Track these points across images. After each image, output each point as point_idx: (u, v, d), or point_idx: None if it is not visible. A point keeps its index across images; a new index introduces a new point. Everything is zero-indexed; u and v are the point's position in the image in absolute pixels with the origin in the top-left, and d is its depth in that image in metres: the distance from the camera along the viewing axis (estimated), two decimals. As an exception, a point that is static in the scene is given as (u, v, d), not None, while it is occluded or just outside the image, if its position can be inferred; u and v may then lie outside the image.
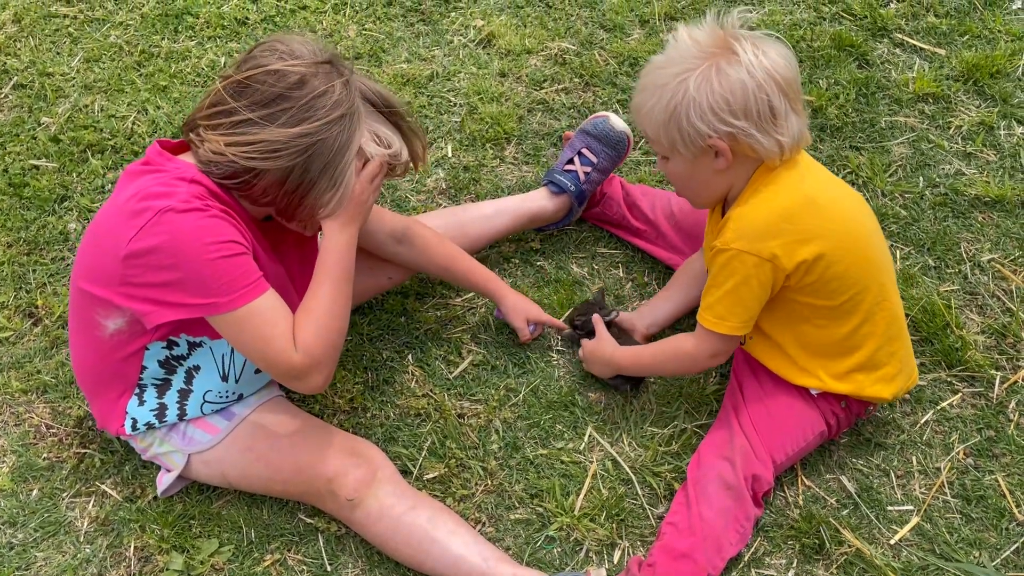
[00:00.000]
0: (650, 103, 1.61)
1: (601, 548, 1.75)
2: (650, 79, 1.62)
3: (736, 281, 1.63)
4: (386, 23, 2.69)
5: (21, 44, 2.65)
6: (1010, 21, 2.64)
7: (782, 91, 1.56)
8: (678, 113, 1.57)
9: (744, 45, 1.56)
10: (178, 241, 1.45)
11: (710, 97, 1.55)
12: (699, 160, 1.63)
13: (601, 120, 2.13)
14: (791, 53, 1.61)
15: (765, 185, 1.64)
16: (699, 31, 1.60)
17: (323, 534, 1.76)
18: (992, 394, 1.93)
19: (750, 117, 1.56)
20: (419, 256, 1.93)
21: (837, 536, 1.74)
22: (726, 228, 1.64)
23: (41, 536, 1.77)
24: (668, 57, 1.61)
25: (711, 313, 1.68)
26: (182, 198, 1.47)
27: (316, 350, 1.54)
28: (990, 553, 1.72)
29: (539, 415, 1.92)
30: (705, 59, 1.56)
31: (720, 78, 1.54)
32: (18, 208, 2.26)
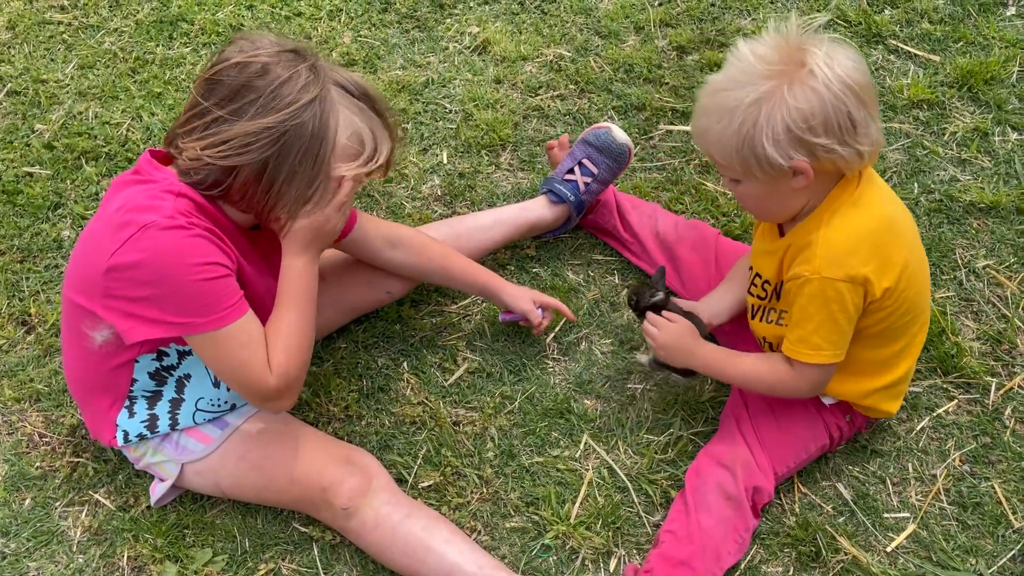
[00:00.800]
0: (718, 128, 1.50)
1: (597, 556, 1.75)
2: (714, 102, 1.51)
3: (831, 309, 1.55)
4: (381, 30, 2.69)
5: (15, 51, 2.64)
6: (1004, 28, 2.65)
7: (859, 99, 1.47)
8: (753, 138, 1.47)
9: (814, 56, 1.45)
10: (160, 258, 1.44)
11: (787, 117, 1.44)
12: (777, 182, 1.52)
13: (604, 131, 2.12)
14: (859, 55, 1.52)
15: (846, 205, 1.55)
16: (762, 46, 1.49)
17: (318, 543, 1.75)
18: (988, 401, 1.92)
19: (831, 132, 1.46)
20: (414, 258, 1.91)
21: (833, 543, 1.74)
22: (812, 255, 1.54)
23: (34, 546, 1.76)
24: (731, 78, 1.50)
25: (806, 346, 1.59)
26: (167, 213, 1.46)
27: (290, 372, 1.55)
28: (987, 560, 1.72)
29: (535, 423, 1.92)
30: (774, 77, 1.45)
31: (795, 96, 1.44)
32: (11, 215, 2.25)
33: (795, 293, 1.59)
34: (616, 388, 1.97)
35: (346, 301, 1.96)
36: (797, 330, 1.60)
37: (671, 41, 2.63)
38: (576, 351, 2.03)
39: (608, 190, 2.19)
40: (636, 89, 2.51)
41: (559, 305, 1.96)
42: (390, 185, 2.32)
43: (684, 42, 2.62)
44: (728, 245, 2.06)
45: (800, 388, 1.68)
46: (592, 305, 2.10)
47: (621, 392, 1.97)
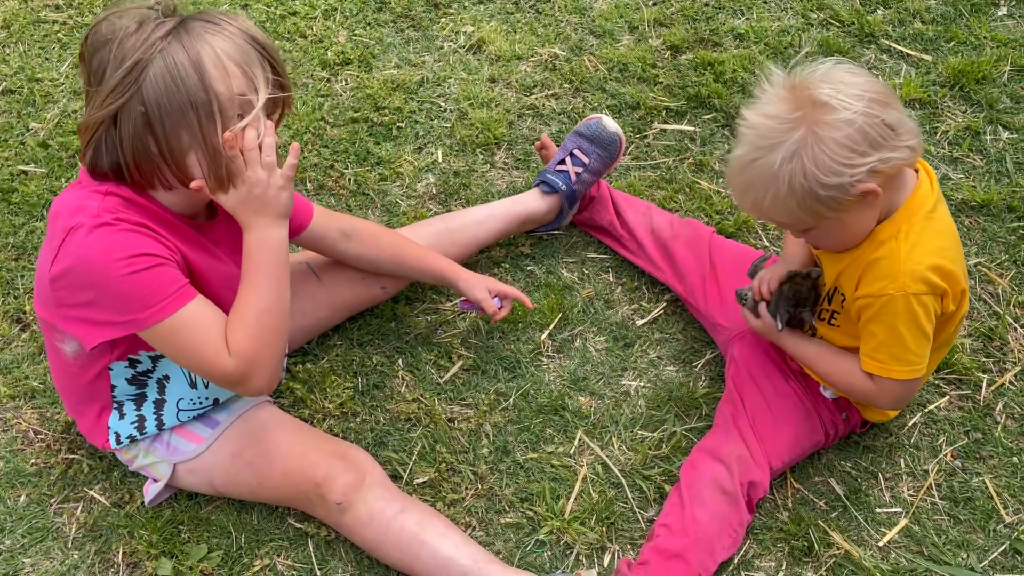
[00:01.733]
0: (769, 196, 1.48)
1: (591, 551, 1.75)
2: (751, 176, 1.49)
3: (921, 323, 1.54)
4: (376, 29, 2.70)
5: (10, 50, 2.64)
6: (996, 27, 2.67)
7: (882, 103, 1.45)
8: (810, 187, 1.44)
9: (821, 89, 1.44)
10: (86, 260, 1.40)
11: (829, 153, 1.43)
12: (851, 211, 1.50)
13: (594, 121, 2.14)
14: (856, 65, 1.52)
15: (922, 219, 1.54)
16: (768, 106, 1.48)
17: (313, 539, 1.76)
18: (979, 397, 1.94)
19: (877, 144, 1.44)
20: (368, 248, 1.88)
21: (826, 538, 1.75)
22: (896, 271, 1.52)
23: (29, 542, 1.76)
24: (755, 146, 1.48)
25: (900, 363, 1.58)
26: (92, 213, 1.41)
27: (249, 352, 1.47)
28: (978, 555, 1.73)
29: (529, 419, 1.92)
30: (797, 125, 1.44)
31: (826, 131, 1.42)
32: (6, 213, 2.25)
33: (878, 311, 1.56)
34: (610, 385, 1.98)
35: (340, 299, 1.97)
36: (888, 349, 1.58)
37: (665, 41, 2.64)
38: (570, 348, 2.04)
39: (604, 187, 2.20)
40: (630, 88, 2.52)
41: (517, 294, 1.95)
42: (385, 183, 2.33)
43: (678, 42, 2.63)
44: (722, 243, 2.07)
45: (880, 403, 1.67)
46: (586, 302, 2.11)
47: (615, 389, 1.98)
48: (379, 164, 2.37)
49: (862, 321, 1.60)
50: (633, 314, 2.10)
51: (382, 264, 1.93)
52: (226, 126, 1.43)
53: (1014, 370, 1.97)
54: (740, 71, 2.55)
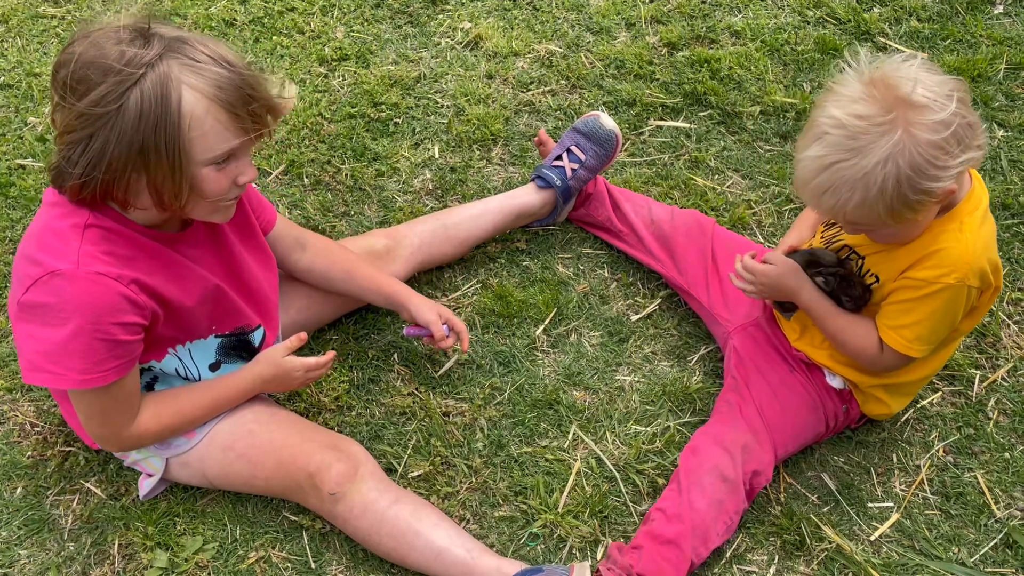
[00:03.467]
0: (856, 199, 1.45)
1: (584, 545, 1.76)
2: (837, 178, 1.45)
3: (956, 311, 1.58)
4: (374, 25, 2.71)
5: (8, 44, 2.65)
6: (991, 25, 2.68)
7: (967, 102, 1.45)
8: (902, 191, 1.43)
9: (910, 88, 1.41)
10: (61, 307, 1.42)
11: (926, 156, 1.41)
12: (928, 211, 1.51)
13: (592, 119, 2.15)
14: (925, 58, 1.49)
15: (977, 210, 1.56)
16: (857, 105, 1.44)
17: (307, 531, 1.77)
18: (971, 393, 1.95)
19: (965, 145, 1.44)
20: (319, 261, 1.87)
21: (818, 532, 1.76)
22: (958, 261, 1.53)
23: (25, 534, 1.77)
24: (843, 147, 1.44)
25: (922, 342, 1.61)
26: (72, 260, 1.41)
27: (146, 439, 1.63)
28: (969, 549, 1.74)
29: (524, 413, 1.93)
30: (891, 128, 1.41)
31: (920, 132, 1.40)
32: (4, 207, 2.26)
33: (927, 294, 1.57)
34: (605, 380, 1.99)
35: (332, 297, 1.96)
36: (917, 328, 1.60)
37: (662, 38, 2.65)
38: (565, 343, 2.05)
39: (600, 183, 2.21)
40: (627, 85, 2.53)
41: (462, 329, 1.89)
42: (381, 179, 2.34)
43: (674, 38, 2.64)
44: (724, 235, 2.07)
45: (876, 366, 1.69)
46: (582, 298, 2.12)
47: (610, 384, 1.98)
48: (376, 160, 2.38)
49: (898, 298, 1.61)
50: (628, 309, 2.10)
51: (332, 279, 1.89)
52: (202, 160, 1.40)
53: (1006, 367, 1.98)
54: (736, 68, 2.56)
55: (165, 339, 1.61)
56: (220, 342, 1.71)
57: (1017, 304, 2.09)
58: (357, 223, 2.24)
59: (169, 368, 1.66)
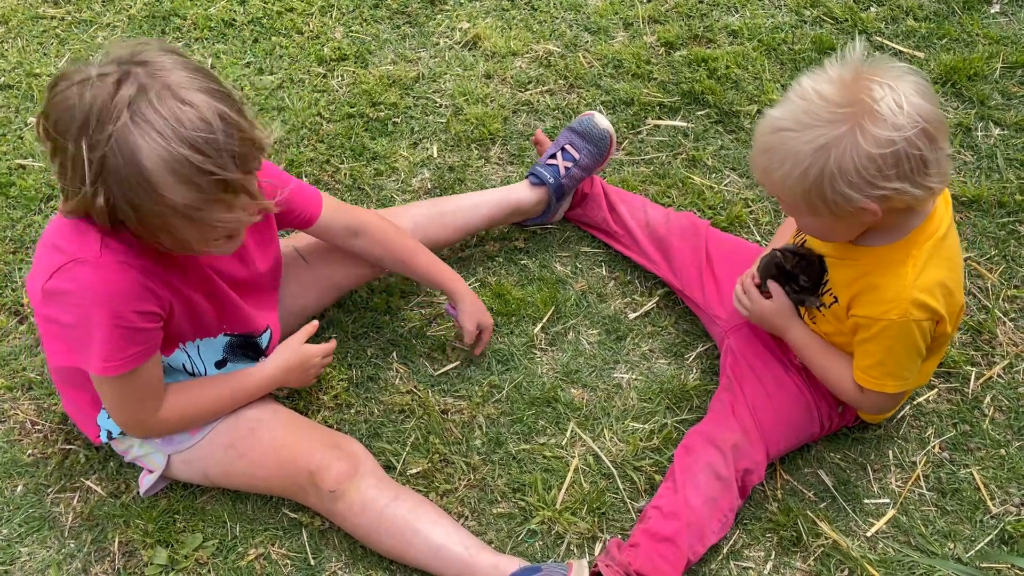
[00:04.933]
0: (782, 171, 1.45)
1: (582, 541, 1.77)
2: (777, 142, 1.45)
3: (918, 346, 1.57)
4: (372, 25, 2.72)
5: (8, 45, 2.66)
6: (988, 24, 2.68)
7: (931, 137, 1.40)
8: (822, 184, 1.42)
9: (882, 95, 1.38)
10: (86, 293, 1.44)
11: (857, 163, 1.39)
12: (844, 218, 1.49)
13: (587, 118, 2.16)
14: (926, 81, 1.44)
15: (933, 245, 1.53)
16: (827, 85, 1.42)
17: (307, 528, 1.78)
18: (967, 389, 1.96)
19: (903, 176, 1.41)
20: (376, 248, 1.88)
21: (814, 528, 1.76)
22: (900, 297, 1.52)
23: (26, 531, 1.78)
24: (794, 117, 1.43)
25: (893, 379, 1.61)
26: (95, 251, 1.43)
27: (169, 427, 1.67)
28: (964, 545, 1.75)
29: (522, 411, 1.94)
30: (842, 120, 1.40)
31: (865, 141, 1.38)
32: (4, 207, 2.27)
33: (877, 332, 1.57)
34: (602, 377, 2.00)
35: (328, 280, 1.96)
36: (883, 367, 1.61)
37: (659, 37, 2.66)
38: (563, 341, 2.06)
39: (597, 183, 2.22)
40: (625, 84, 2.54)
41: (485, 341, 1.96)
42: (380, 178, 2.35)
43: (672, 38, 2.65)
44: (719, 236, 2.08)
45: (863, 407, 1.74)
46: (580, 296, 2.13)
47: (607, 381, 1.99)
48: (375, 159, 2.39)
49: (858, 338, 1.62)
50: (625, 307, 2.11)
51: (387, 265, 1.94)
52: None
53: (1002, 363, 1.99)
54: (734, 68, 2.57)
55: (176, 335, 1.62)
56: (228, 341, 1.72)
57: (1013, 301, 2.10)
58: (356, 222, 2.25)
59: (176, 363, 1.68)
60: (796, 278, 1.71)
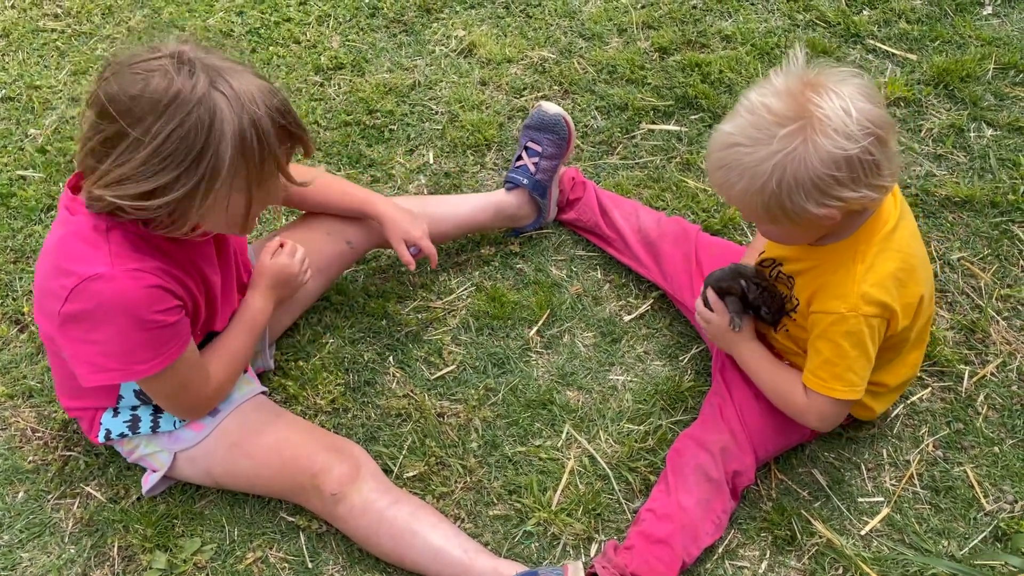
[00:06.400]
0: (739, 185, 1.46)
1: (578, 542, 1.78)
2: (731, 158, 1.46)
3: (866, 345, 1.56)
4: (369, 34, 2.74)
5: (9, 58, 2.69)
6: (980, 26, 2.70)
7: (880, 139, 1.42)
8: (779, 196, 1.44)
9: (829, 103, 1.39)
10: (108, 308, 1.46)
11: (812, 174, 1.40)
12: (805, 225, 1.51)
13: (536, 111, 2.19)
14: (871, 84, 1.45)
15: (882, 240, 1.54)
16: (774, 98, 1.43)
17: (304, 532, 1.79)
18: (961, 388, 1.96)
19: (858, 181, 1.42)
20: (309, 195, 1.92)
21: (809, 527, 1.77)
22: (848, 291, 1.53)
23: (26, 537, 1.79)
24: (746, 133, 1.44)
25: (842, 383, 1.59)
26: (106, 262, 1.44)
27: (223, 387, 1.71)
28: (958, 542, 1.75)
29: (518, 413, 1.95)
30: (792, 133, 1.40)
31: (817, 151, 1.39)
32: (5, 217, 2.29)
33: (825, 328, 1.58)
34: (598, 379, 2.01)
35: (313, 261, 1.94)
36: (831, 367, 1.59)
37: (653, 43, 2.68)
38: (559, 344, 2.07)
39: (590, 188, 2.23)
40: (619, 90, 2.56)
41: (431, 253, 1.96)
42: (377, 185, 2.37)
43: (666, 43, 2.67)
44: (708, 240, 2.10)
45: (808, 419, 1.68)
46: (575, 299, 2.14)
47: (603, 383, 2.01)
48: (371, 166, 2.41)
49: (811, 337, 1.63)
50: (620, 310, 2.13)
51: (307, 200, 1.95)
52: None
53: (996, 362, 2.00)
54: (727, 72, 2.58)
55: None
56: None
57: (1006, 300, 2.11)
58: (353, 228, 2.27)
59: None
60: (758, 309, 1.74)
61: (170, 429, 1.74)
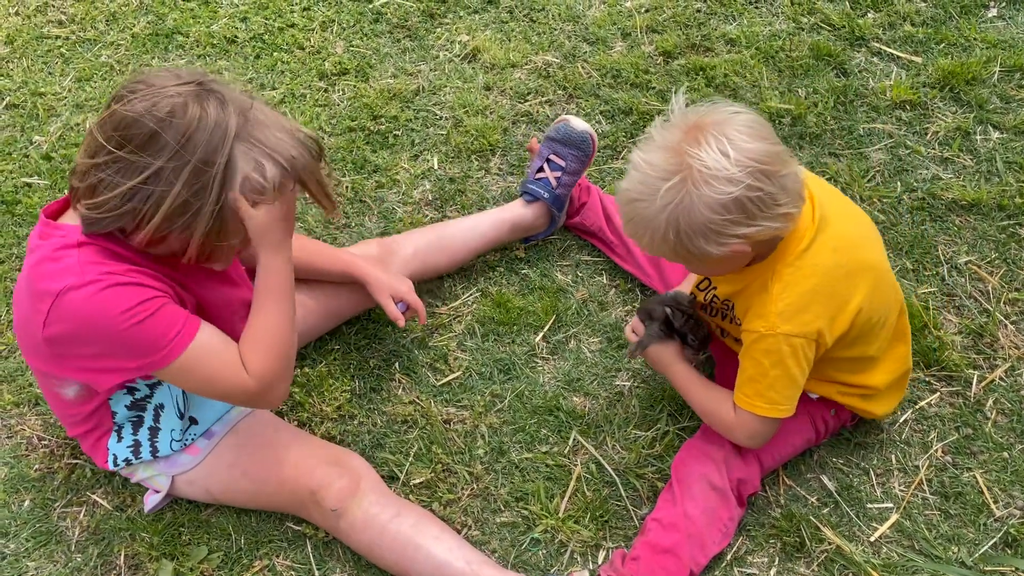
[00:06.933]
0: (647, 237, 1.52)
1: (585, 549, 1.78)
2: (632, 213, 1.51)
3: (787, 364, 1.57)
4: (373, 39, 2.74)
5: (13, 65, 2.69)
6: (985, 29, 2.69)
7: (766, 174, 1.44)
8: (682, 243, 1.48)
9: (705, 151, 1.42)
10: (87, 321, 1.43)
11: (703, 221, 1.44)
12: (719, 262, 1.54)
13: (562, 124, 2.18)
14: (756, 119, 1.48)
15: (796, 259, 1.55)
16: (654, 153, 1.48)
17: (311, 540, 1.78)
18: (970, 393, 1.95)
19: (753, 217, 1.45)
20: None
21: (818, 534, 1.76)
22: (766, 311, 1.56)
23: (33, 546, 1.79)
24: (637, 190, 1.49)
25: (763, 400, 1.62)
26: (76, 272, 1.42)
27: (268, 373, 1.55)
28: (968, 548, 1.74)
29: (524, 420, 1.95)
30: (675, 188, 1.44)
31: (702, 200, 1.43)
32: (10, 225, 2.29)
33: (748, 346, 1.61)
34: (604, 385, 2.01)
35: (331, 307, 1.99)
36: (755, 384, 1.62)
37: (657, 47, 2.68)
38: (565, 350, 2.07)
39: (594, 193, 2.23)
40: (623, 94, 2.56)
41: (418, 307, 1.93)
42: (381, 190, 2.37)
43: (670, 47, 2.66)
44: None
45: (736, 435, 1.70)
46: (580, 305, 2.14)
47: (609, 389, 2.00)
48: (376, 172, 2.41)
49: (740, 354, 1.65)
50: (626, 315, 2.12)
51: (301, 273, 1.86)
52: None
53: (1004, 366, 1.99)
54: (732, 76, 2.58)
55: None
56: None
57: (1014, 304, 2.10)
58: (358, 235, 2.27)
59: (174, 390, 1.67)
60: (684, 336, 1.79)
61: (168, 453, 1.73)
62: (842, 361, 1.68)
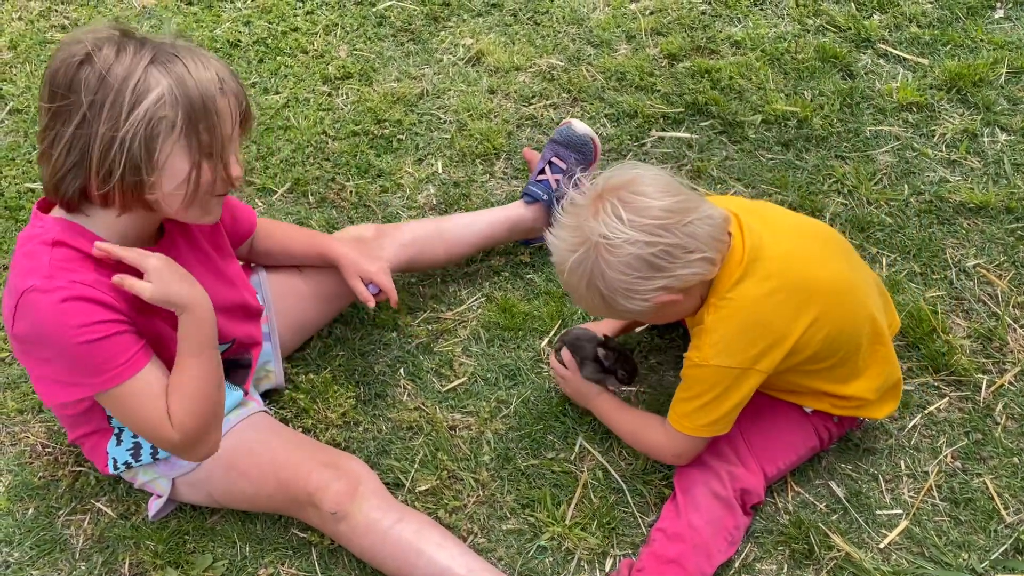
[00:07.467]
0: (583, 303, 1.64)
1: (592, 557, 1.76)
2: (564, 281, 1.62)
3: (717, 392, 1.62)
4: (376, 43, 2.73)
5: (17, 70, 2.69)
6: (992, 30, 2.68)
7: (667, 228, 1.51)
8: (610, 304, 1.58)
9: (602, 222, 1.51)
10: (42, 327, 1.44)
11: (617, 283, 1.53)
12: (661, 310, 1.60)
13: (565, 127, 2.17)
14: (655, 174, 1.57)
15: (727, 287, 1.59)
16: (562, 232, 1.58)
17: (316, 547, 1.77)
18: (979, 398, 1.94)
19: (663, 270, 1.52)
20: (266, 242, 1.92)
21: (826, 541, 1.75)
22: (702, 342, 1.61)
23: (37, 554, 1.78)
24: (557, 264, 1.62)
25: (689, 421, 1.67)
26: (44, 274, 1.43)
27: (192, 429, 1.55)
28: (979, 555, 1.73)
29: (530, 426, 1.94)
30: (584, 258, 1.54)
31: (608, 265, 1.52)
32: (14, 230, 2.29)
33: (684, 371, 1.67)
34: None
35: (323, 289, 1.96)
36: (684, 405, 1.67)
37: (662, 49, 2.67)
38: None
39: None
40: (628, 97, 2.55)
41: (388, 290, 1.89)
42: (386, 195, 2.36)
43: (675, 50, 2.65)
44: None
45: (664, 455, 1.76)
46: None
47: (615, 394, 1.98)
48: (380, 176, 2.40)
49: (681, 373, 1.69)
50: (632, 320, 2.11)
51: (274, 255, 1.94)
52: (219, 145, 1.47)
53: (1014, 371, 1.97)
54: (737, 78, 2.57)
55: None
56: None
57: (1023, 308, 2.08)
58: (362, 239, 2.26)
59: None
60: (615, 372, 1.88)
61: (167, 456, 1.72)
62: (820, 372, 1.69)
